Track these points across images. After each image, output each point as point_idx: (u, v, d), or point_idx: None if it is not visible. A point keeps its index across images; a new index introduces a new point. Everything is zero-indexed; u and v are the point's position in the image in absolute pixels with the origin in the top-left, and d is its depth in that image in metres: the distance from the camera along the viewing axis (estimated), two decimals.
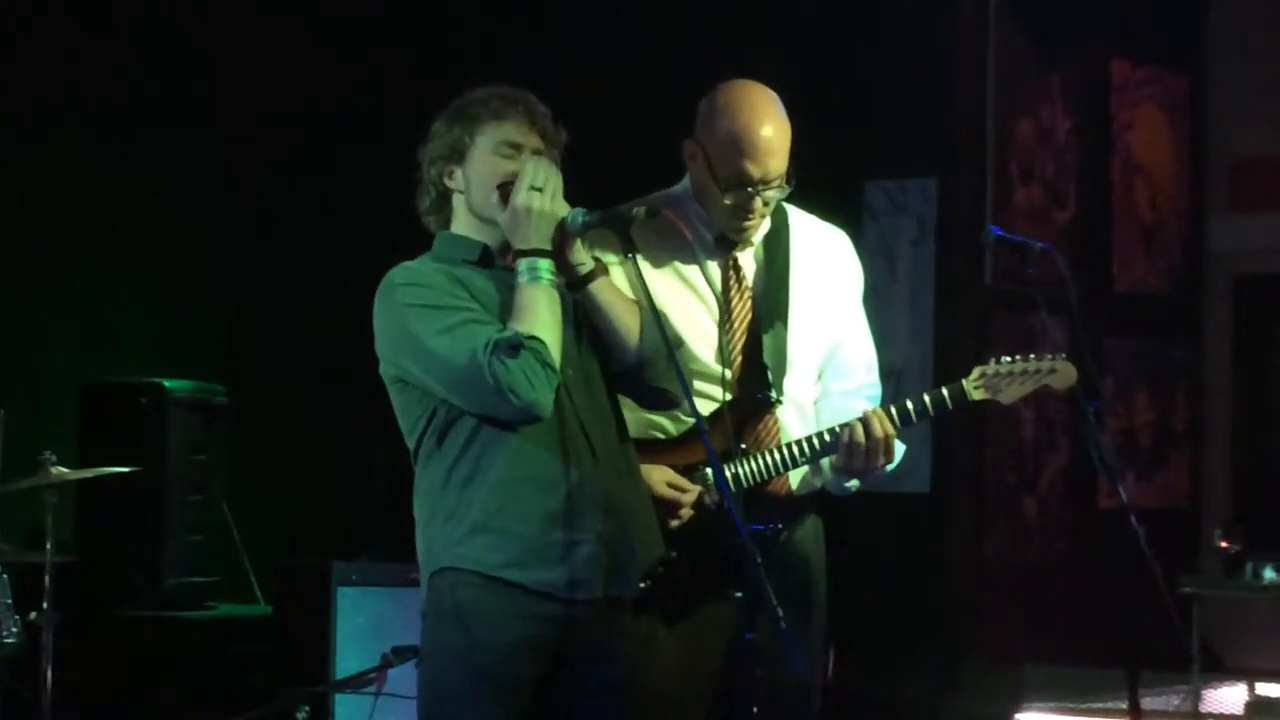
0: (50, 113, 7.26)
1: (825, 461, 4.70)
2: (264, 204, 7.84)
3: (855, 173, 7.83)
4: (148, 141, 7.48)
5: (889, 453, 4.61)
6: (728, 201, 4.60)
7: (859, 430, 4.57)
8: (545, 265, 4.19)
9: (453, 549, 4.21)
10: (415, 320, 4.18)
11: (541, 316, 4.15)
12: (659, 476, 4.57)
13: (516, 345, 4.09)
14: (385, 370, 4.29)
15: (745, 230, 4.67)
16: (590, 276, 4.29)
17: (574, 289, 4.29)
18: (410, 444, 4.30)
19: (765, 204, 4.63)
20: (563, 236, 4.23)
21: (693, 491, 4.59)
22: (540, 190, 4.18)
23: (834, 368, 4.81)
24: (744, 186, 4.58)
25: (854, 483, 4.70)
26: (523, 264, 4.19)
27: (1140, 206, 8.63)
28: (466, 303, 4.20)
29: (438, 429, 4.22)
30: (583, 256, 4.29)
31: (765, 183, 4.59)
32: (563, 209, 4.22)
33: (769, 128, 4.58)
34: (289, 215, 7.89)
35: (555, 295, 4.19)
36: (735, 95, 4.64)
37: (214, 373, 7.45)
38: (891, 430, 4.58)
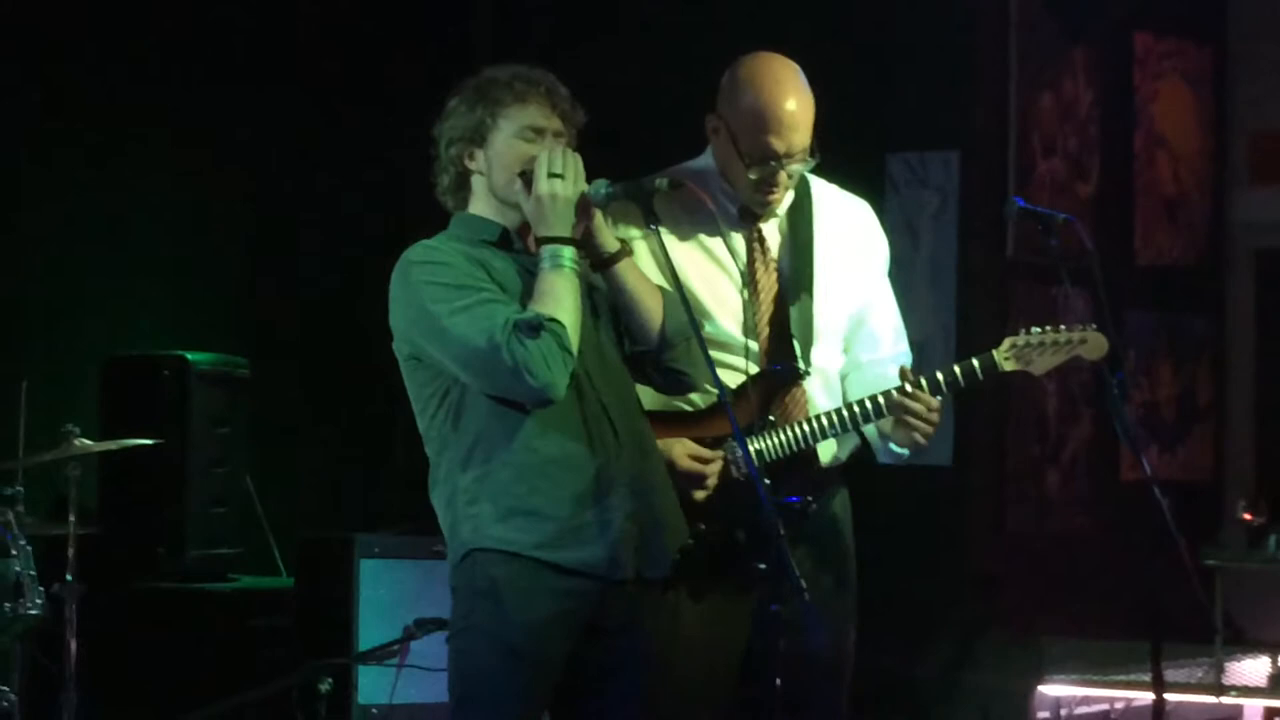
0: (74, 86, 7.27)
1: (873, 431, 4.69)
2: (287, 176, 7.84)
3: (877, 145, 7.80)
4: (171, 114, 7.49)
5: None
6: (752, 176, 4.59)
7: (908, 399, 4.54)
8: (568, 252, 4.19)
9: (482, 532, 4.19)
10: (433, 299, 4.17)
11: (564, 301, 4.15)
12: (680, 450, 4.55)
13: (537, 326, 4.09)
14: (399, 347, 4.29)
15: (769, 204, 4.66)
16: (616, 257, 4.29)
17: (599, 269, 4.29)
18: (421, 424, 4.29)
19: (789, 177, 4.62)
20: (586, 208, 4.23)
21: (715, 462, 4.57)
22: (561, 176, 4.18)
23: (862, 339, 4.80)
24: (768, 161, 4.57)
25: (904, 450, 4.66)
26: (546, 250, 4.19)
27: (1163, 179, 8.60)
28: (485, 283, 4.19)
29: (451, 409, 4.21)
30: (608, 238, 4.30)
31: (789, 156, 4.57)
32: None
33: (792, 101, 4.57)
34: (313, 188, 7.89)
35: (576, 282, 4.19)
36: (758, 69, 4.63)
37: (236, 345, 7.46)
38: (934, 402, 4.55)
